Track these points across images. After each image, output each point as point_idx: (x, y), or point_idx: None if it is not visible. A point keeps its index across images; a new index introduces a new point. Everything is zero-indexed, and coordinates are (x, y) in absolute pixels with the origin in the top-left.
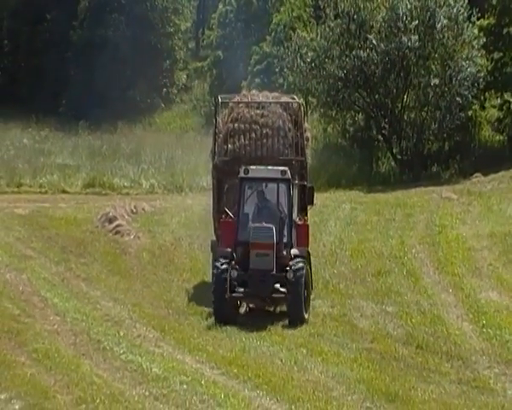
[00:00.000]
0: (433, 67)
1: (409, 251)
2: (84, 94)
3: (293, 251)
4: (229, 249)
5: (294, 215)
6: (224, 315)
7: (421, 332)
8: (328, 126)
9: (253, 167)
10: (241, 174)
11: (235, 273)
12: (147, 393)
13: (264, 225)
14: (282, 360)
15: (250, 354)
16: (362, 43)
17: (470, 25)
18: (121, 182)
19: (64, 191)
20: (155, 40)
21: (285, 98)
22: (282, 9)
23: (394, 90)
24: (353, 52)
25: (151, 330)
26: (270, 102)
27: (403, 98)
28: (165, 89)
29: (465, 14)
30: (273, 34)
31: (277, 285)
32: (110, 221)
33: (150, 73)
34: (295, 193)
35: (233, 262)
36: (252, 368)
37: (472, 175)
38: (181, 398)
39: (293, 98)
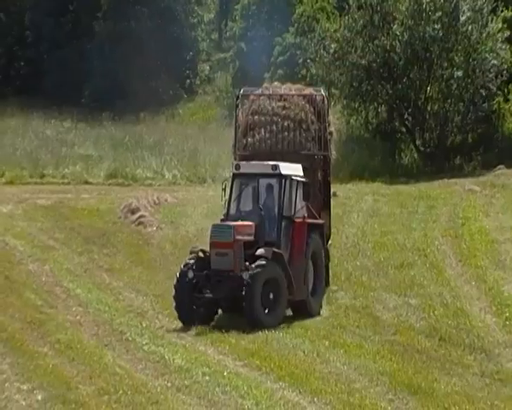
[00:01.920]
0: (456, 58)
1: (432, 243)
2: (107, 85)
3: (258, 251)
4: (197, 248)
5: (291, 212)
6: (186, 316)
7: (444, 325)
8: (350, 118)
9: (243, 163)
10: (233, 170)
11: (191, 274)
12: (169, 384)
13: (224, 223)
14: (304, 352)
15: (273, 346)
16: (385, 34)
17: (495, 17)
18: (144, 173)
19: (87, 182)
20: (178, 31)
21: (309, 90)
22: (304, 0)
23: (417, 82)
24: (376, 42)
25: (173, 321)
26: (293, 94)
27: (426, 90)
28: (187, 80)
29: (489, 7)
30: (296, 25)
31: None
32: (133, 212)
33: (173, 65)
34: (292, 189)
35: (192, 262)
36: (274, 360)
37: (495, 167)
38: (203, 389)
39: (319, 91)
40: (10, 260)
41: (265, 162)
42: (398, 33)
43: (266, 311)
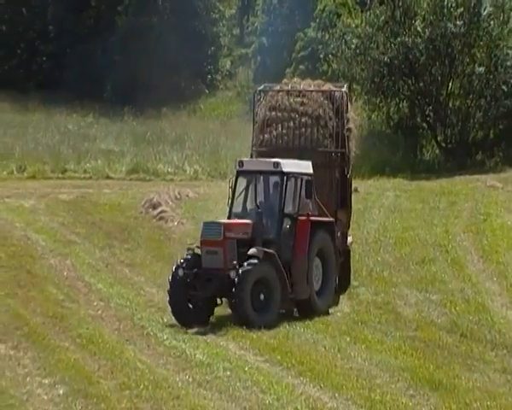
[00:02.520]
0: (478, 54)
1: (453, 239)
2: (129, 80)
3: (250, 250)
4: (194, 245)
5: (293, 210)
6: (181, 316)
7: (466, 320)
8: (372, 114)
9: (246, 160)
10: (236, 167)
11: (181, 272)
12: (190, 379)
13: (214, 221)
14: (325, 348)
15: (294, 341)
16: (407, 30)
17: None
18: (165, 168)
19: (108, 177)
20: (200, 26)
21: (328, 86)
22: None
23: (439, 78)
24: (398, 39)
25: None
26: (312, 90)
27: (447, 86)
28: (209, 75)
29: (511, 3)
30: (318, 20)
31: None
32: (154, 207)
33: (195, 60)
34: (295, 186)
35: (184, 260)
36: (295, 355)
37: None
38: (224, 384)
39: (341, 87)
40: (32, 254)
41: (267, 159)
42: (419, 29)
43: (257, 311)
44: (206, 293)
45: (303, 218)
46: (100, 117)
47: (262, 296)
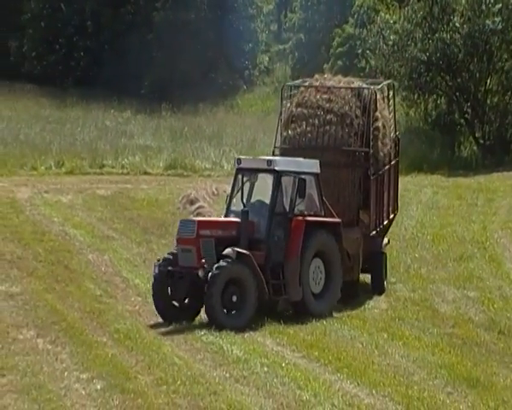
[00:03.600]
0: None
1: (491, 236)
2: (167, 76)
3: (225, 251)
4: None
5: (287, 209)
6: (163, 312)
7: (504, 318)
8: (409, 110)
9: (244, 158)
10: (235, 165)
11: (157, 270)
12: (227, 375)
13: (189, 218)
14: (362, 344)
15: (331, 338)
16: (445, 26)
17: None
18: (202, 164)
19: (146, 173)
20: (237, 22)
21: (358, 83)
22: None
23: (477, 74)
24: (436, 35)
25: None
26: (340, 87)
27: (486, 82)
28: (247, 71)
29: None
30: (356, 16)
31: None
32: (191, 203)
33: (232, 56)
34: (292, 185)
35: (163, 258)
36: (332, 352)
37: None
38: (261, 380)
39: (379, 84)
40: (70, 249)
41: (263, 157)
42: (457, 25)
43: (229, 312)
44: (178, 292)
45: (298, 218)
46: (137, 113)
47: (235, 298)
